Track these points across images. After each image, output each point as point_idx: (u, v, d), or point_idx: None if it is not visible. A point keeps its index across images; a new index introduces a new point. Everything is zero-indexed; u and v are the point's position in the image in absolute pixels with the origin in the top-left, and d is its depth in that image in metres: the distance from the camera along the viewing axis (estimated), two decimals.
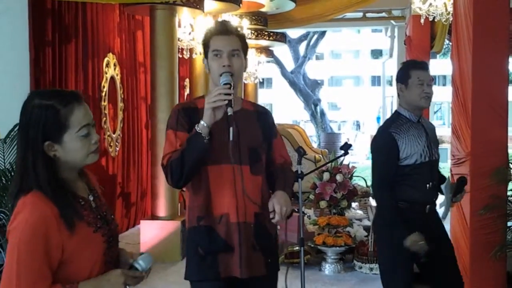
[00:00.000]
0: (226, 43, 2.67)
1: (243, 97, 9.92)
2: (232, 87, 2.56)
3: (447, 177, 3.63)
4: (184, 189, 2.79)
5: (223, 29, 2.70)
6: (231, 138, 2.52)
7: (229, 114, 2.51)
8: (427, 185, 3.43)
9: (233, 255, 2.63)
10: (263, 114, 2.84)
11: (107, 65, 6.87)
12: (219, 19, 2.71)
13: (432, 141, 3.52)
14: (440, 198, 3.61)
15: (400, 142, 3.40)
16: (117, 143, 7.19)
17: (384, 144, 3.46)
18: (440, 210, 3.59)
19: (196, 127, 2.54)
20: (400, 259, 3.43)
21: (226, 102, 2.50)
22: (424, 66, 3.51)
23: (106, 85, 6.85)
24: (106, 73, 6.84)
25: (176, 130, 2.67)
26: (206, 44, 2.72)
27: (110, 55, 6.95)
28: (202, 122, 2.53)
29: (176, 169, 2.54)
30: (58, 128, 1.86)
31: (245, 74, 10.23)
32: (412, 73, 3.46)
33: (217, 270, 2.63)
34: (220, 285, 2.64)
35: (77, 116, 1.89)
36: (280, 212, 2.60)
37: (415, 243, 3.31)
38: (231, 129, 2.52)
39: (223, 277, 2.64)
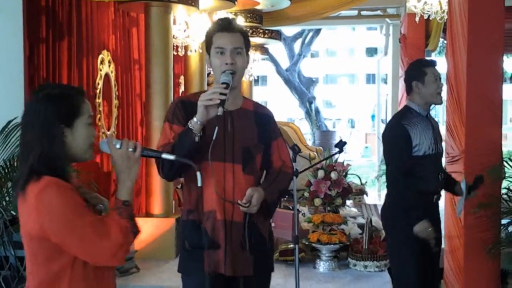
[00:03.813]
0: (230, 40, 2.66)
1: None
2: (229, 87, 2.55)
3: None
4: (179, 186, 2.83)
5: (227, 26, 2.69)
6: (213, 137, 2.53)
7: (218, 114, 2.50)
8: (439, 176, 3.68)
9: (218, 252, 2.64)
10: (263, 116, 2.82)
11: (102, 62, 6.84)
12: (218, 16, 2.68)
13: (437, 136, 3.73)
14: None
15: (412, 133, 3.61)
16: None
17: (398, 135, 3.64)
18: (458, 207, 3.82)
19: (189, 123, 2.54)
20: (412, 250, 3.58)
21: (218, 101, 2.49)
22: (436, 63, 3.74)
23: (101, 82, 6.82)
24: (101, 70, 6.82)
25: (172, 123, 2.69)
26: (209, 40, 2.72)
27: (105, 52, 6.93)
28: (194, 119, 2.52)
29: (167, 162, 2.53)
30: (72, 112, 1.99)
31: None
32: (427, 70, 3.67)
33: (202, 265, 2.64)
34: (205, 280, 2.61)
35: (87, 106, 2.05)
36: (252, 207, 2.60)
37: (424, 229, 3.49)
38: (216, 128, 2.53)
39: (208, 273, 2.63)
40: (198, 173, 2.18)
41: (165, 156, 2.16)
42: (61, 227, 1.85)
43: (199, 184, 2.20)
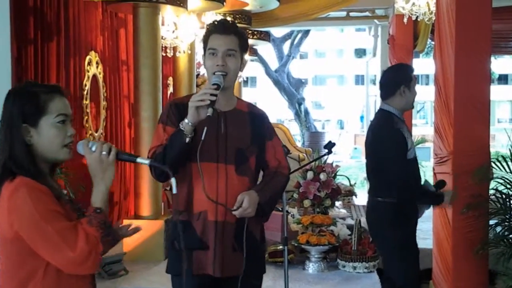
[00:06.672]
0: (223, 42, 2.69)
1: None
2: (220, 88, 2.58)
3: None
4: (167, 187, 2.86)
5: (221, 27, 2.74)
6: (202, 138, 2.54)
7: (207, 114, 2.53)
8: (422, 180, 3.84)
9: (207, 253, 2.66)
10: (258, 116, 2.84)
11: (89, 63, 6.81)
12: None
13: None
14: None
15: (407, 138, 3.67)
16: None
17: (398, 140, 3.66)
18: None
19: (180, 124, 2.57)
20: (410, 257, 3.75)
21: (208, 102, 2.52)
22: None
23: (88, 84, 6.79)
24: (88, 71, 6.78)
25: (166, 124, 2.72)
26: (205, 42, 2.77)
27: (93, 53, 6.89)
28: (186, 120, 2.55)
29: (158, 163, 2.52)
30: (36, 111, 1.91)
31: None
32: (412, 75, 3.77)
33: (190, 266, 2.66)
34: (193, 281, 2.63)
35: (57, 104, 1.94)
36: (244, 210, 2.61)
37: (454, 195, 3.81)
38: (205, 129, 2.55)
39: (196, 274, 2.66)
40: (173, 179, 2.11)
41: (139, 160, 2.08)
42: (29, 230, 1.82)
43: (174, 191, 2.12)
